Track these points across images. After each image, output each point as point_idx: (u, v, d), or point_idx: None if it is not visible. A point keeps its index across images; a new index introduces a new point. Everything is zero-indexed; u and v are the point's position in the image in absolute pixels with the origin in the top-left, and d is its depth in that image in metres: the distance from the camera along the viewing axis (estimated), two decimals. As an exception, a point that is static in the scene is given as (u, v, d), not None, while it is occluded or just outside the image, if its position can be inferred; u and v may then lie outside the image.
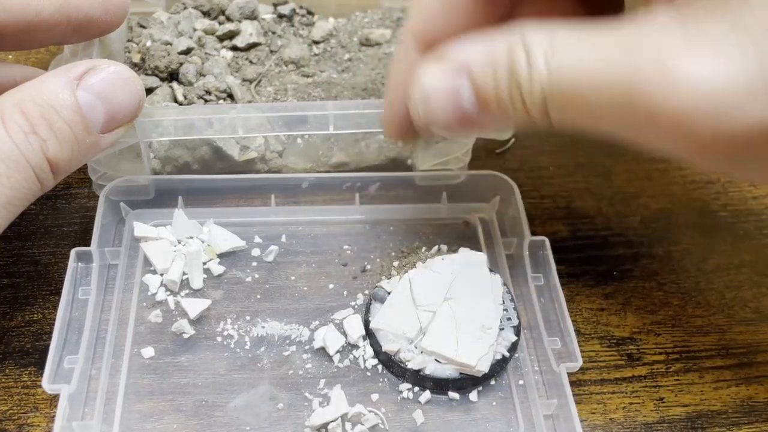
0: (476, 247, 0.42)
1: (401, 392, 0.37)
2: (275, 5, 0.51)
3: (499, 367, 0.37)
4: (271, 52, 0.48)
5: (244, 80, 0.46)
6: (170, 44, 0.46)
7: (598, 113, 0.27)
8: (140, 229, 0.41)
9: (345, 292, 0.40)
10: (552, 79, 0.27)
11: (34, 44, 0.39)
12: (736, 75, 0.24)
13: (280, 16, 0.50)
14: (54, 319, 0.36)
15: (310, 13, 0.51)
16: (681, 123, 0.25)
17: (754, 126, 0.24)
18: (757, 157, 0.26)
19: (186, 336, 0.38)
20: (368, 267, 0.41)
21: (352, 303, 0.40)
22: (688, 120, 0.25)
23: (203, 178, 0.42)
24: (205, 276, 0.40)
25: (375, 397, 0.36)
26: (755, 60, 0.24)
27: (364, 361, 0.37)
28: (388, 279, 0.39)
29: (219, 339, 0.38)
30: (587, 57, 0.27)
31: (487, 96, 0.29)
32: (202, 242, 0.41)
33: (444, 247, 0.41)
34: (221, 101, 0.44)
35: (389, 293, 0.38)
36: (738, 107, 0.24)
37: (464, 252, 0.40)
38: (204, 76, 0.45)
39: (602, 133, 0.28)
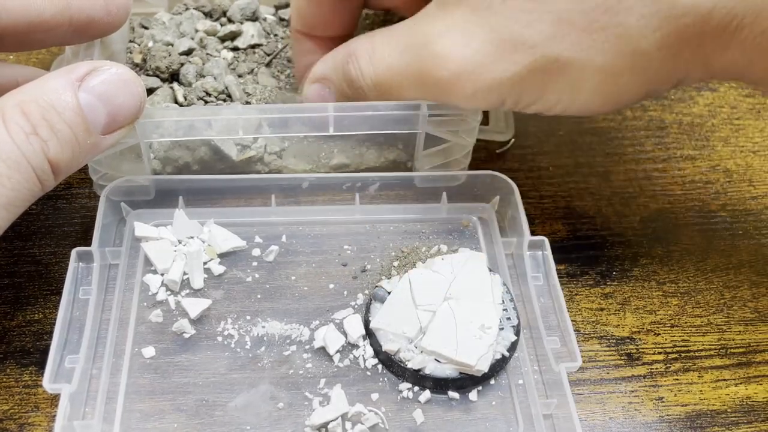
0: (476, 247, 0.42)
1: (401, 392, 0.37)
2: (276, 8, 0.51)
3: (498, 366, 0.37)
4: (267, 54, 0.48)
5: (239, 75, 0.46)
6: (171, 45, 0.46)
7: (410, 91, 0.39)
8: (141, 229, 0.41)
9: (345, 292, 0.40)
10: (375, 76, 0.39)
11: (36, 45, 0.39)
12: (479, 48, 0.36)
13: (281, 20, 0.50)
14: (55, 319, 0.36)
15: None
16: (453, 86, 0.37)
17: (495, 77, 0.36)
18: (517, 101, 0.38)
19: (186, 336, 0.38)
20: (368, 267, 0.41)
21: (352, 303, 0.40)
22: (457, 84, 0.37)
23: (203, 179, 0.42)
24: (206, 276, 0.40)
25: (375, 396, 0.36)
26: (489, 35, 0.36)
27: (364, 360, 0.38)
28: (388, 279, 0.40)
29: (219, 339, 0.38)
30: (391, 52, 0.39)
31: (344, 94, 0.41)
32: (203, 242, 0.41)
33: (444, 247, 0.41)
34: (220, 102, 0.44)
35: (389, 293, 0.39)
36: (484, 69, 0.36)
37: (464, 252, 0.41)
38: (204, 77, 0.45)
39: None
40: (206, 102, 0.44)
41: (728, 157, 0.51)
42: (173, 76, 0.45)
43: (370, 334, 0.38)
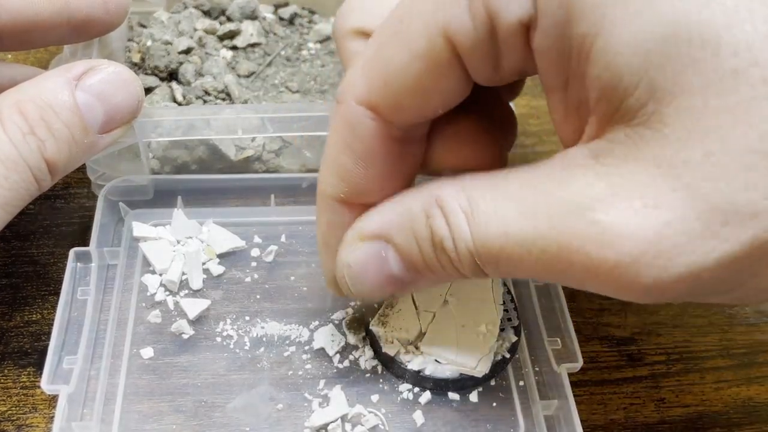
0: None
1: (401, 393, 0.36)
2: (276, 7, 0.51)
3: (499, 367, 0.37)
4: (267, 54, 0.48)
5: (239, 75, 0.46)
6: (170, 44, 0.46)
7: (533, 269, 0.27)
8: (139, 229, 0.41)
9: (345, 293, 0.40)
10: (478, 242, 0.27)
11: (34, 44, 0.38)
12: (671, 220, 0.24)
13: (281, 19, 0.50)
14: (53, 320, 0.36)
15: (312, 12, 0.51)
16: (622, 275, 0.25)
17: (695, 262, 0.24)
18: (708, 291, 0.25)
19: (185, 336, 0.38)
20: (368, 267, 0.41)
21: (352, 303, 0.40)
22: (629, 271, 0.24)
23: (202, 178, 0.42)
24: (205, 276, 0.40)
25: (375, 397, 0.36)
26: (688, 202, 0.23)
27: (364, 361, 0.37)
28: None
29: (218, 339, 0.38)
30: (511, 216, 0.26)
31: (415, 262, 0.29)
32: (202, 242, 0.41)
33: (444, 247, 0.41)
34: (219, 101, 0.44)
35: (389, 293, 0.38)
36: (678, 252, 0.24)
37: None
38: (203, 76, 0.45)
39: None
40: (205, 101, 0.44)
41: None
42: (172, 75, 0.45)
43: (369, 334, 0.38)
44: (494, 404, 0.36)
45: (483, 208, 0.27)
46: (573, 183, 0.25)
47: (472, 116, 0.32)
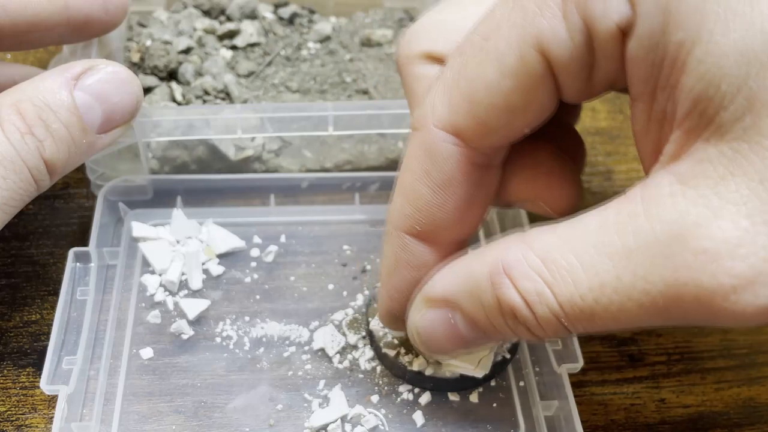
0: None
1: (401, 393, 0.36)
2: (276, 6, 0.51)
3: (499, 368, 0.37)
4: (267, 54, 0.48)
5: (239, 75, 0.46)
6: (170, 43, 0.46)
7: (635, 316, 0.25)
8: (139, 229, 0.41)
9: (345, 293, 0.40)
10: (566, 303, 0.25)
11: (34, 44, 0.39)
12: None
13: (281, 18, 0.50)
14: (52, 320, 0.35)
15: (312, 11, 0.51)
16: (739, 299, 0.23)
17: None
18: None
19: (185, 337, 0.38)
20: (368, 267, 0.41)
21: (352, 303, 0.39)
22: (746, 294, 0.23)
23: (202, 178, 0.42)
24: (204, 276, 0.40)
25: (375, 398, 0.36)
26: None
27: (364, 362, 0.37)
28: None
29: (218, 340, 0.38)
30: (601, 265, 0.25)
31: (484, 327, 0.29)
32: (201, 242, 0.41)
33: (444, 248, 0.41)
34: (219, 101, 0.44)
35: (389, 294, 0.38)
36: None
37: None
38: (202, 75, 0.45)
39: None
40: (205, 101, 0.44)
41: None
42: (171, 75, 0.45)
43: (369, 335, 0.38)
44: (494, 405, 0.36)
45: (564, 265, 0.25)
46: (664, 214, 0.24)
47: (545, 144, 0.31)
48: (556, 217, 0.30)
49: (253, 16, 0.49)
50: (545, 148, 0.31)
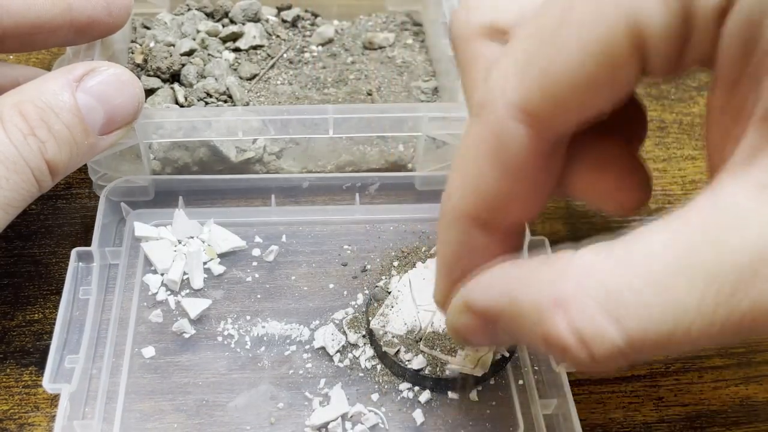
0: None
1: (401, 392, 0.37)
2: (279, 9, 0.51)
3: (498, 366, 0.37)
4: (269, 57, 0.48)
5: (242, 78, 0.46)
6: (173, 45, 0.46)
7: (717, 340, 0.22)
8: (141, 229, 0.41)
9: (345, 292, 0.40)
10: (636, 338, 0.22)
11: (37, 46, 0.39)
12: None
13: (283, 21, 0.50)
14: (55, 319, 0.36)
15: (315, 14, 0.51)
16: None
17: None
18: None
19: (186, 336, 0.38)
20: (368, 267, 0.41)
21: (352, 303, 0.40)
22: None
23: (203, 179, 0.42)
24: (206, 276, 0.40)
25: (375, 396, 0.36)
26: None
27: (365, 360, 0.37)
28: (388, 279, 0.40)
29: (219, 339, 0.38)
30: (687, 296, 0.22)
31: (523, 342, 0.27)
32: (203, 242, 0.41)
33: (444, 247, 0.41)
34: (221, 103, 0.44)
35: (389, 293, 0.38)
36: None
37: (464, 252, 0.40)
38: (205, 77, 0.45)
39: None
40: (207, 103, 0.44)
41: (729, 157, 0.51)
42: (174, 77, 0.45)
43: (370, 334, 0.38)
44: (494, 403, 0.37)
45: (632, 294, 0.22)
46: (748, 230, 0.21)
47: (611, 134, 0.29)
48: (621, 215, 0.28)
49: (256, 18, 0.50)
50: (613, 140, 0.29)
